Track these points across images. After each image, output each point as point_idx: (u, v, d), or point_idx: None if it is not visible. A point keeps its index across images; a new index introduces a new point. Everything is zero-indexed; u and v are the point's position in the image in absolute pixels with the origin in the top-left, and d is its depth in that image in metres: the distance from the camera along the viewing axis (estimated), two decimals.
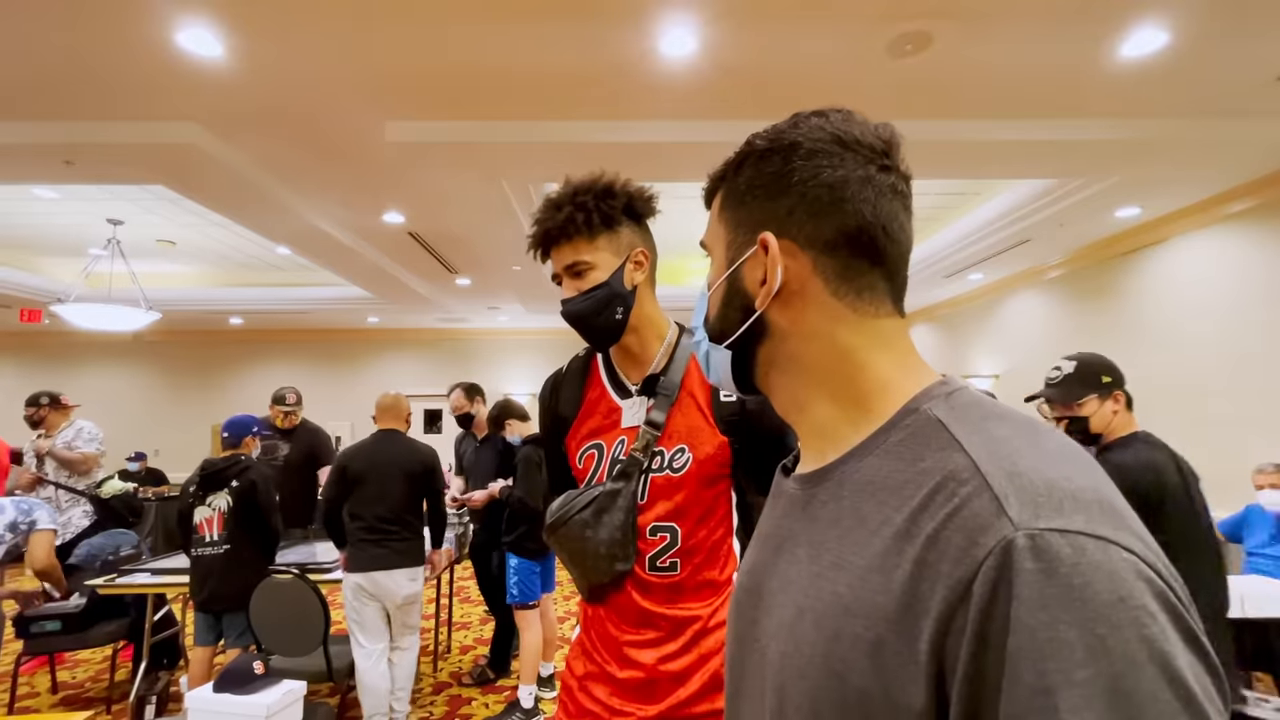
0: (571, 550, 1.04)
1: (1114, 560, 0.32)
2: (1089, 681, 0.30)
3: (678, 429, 1.03)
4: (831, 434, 0.49)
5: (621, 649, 1.04)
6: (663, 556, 1.03)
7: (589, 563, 1.03)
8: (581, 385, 1.12)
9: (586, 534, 1.02)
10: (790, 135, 0.49)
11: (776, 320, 0.50)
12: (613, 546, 1.01)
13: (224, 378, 8.95)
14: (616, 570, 1.02)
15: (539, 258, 1.08)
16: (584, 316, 1.03)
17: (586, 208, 1.02)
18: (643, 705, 1.03)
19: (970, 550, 0.34)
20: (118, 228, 5.05)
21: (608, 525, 1.01)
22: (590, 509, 1.02)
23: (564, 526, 1.04)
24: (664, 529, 1.03)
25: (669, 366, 1.07)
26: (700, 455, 1.02)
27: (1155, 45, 2.53)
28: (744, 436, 1.04)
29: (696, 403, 1.05)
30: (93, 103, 2.87)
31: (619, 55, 2.57)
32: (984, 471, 0.37)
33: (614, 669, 1.05)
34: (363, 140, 3.23)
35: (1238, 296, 4.01)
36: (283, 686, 2.07)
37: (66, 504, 3.62)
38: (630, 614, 1.04)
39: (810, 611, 0.43)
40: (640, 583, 1.03)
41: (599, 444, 1.07)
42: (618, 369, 1.11)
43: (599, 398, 1.10)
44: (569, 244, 1.03)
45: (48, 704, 3.31)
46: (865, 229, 0.47)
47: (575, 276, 1.03)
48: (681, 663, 1.03)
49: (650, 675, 1.02)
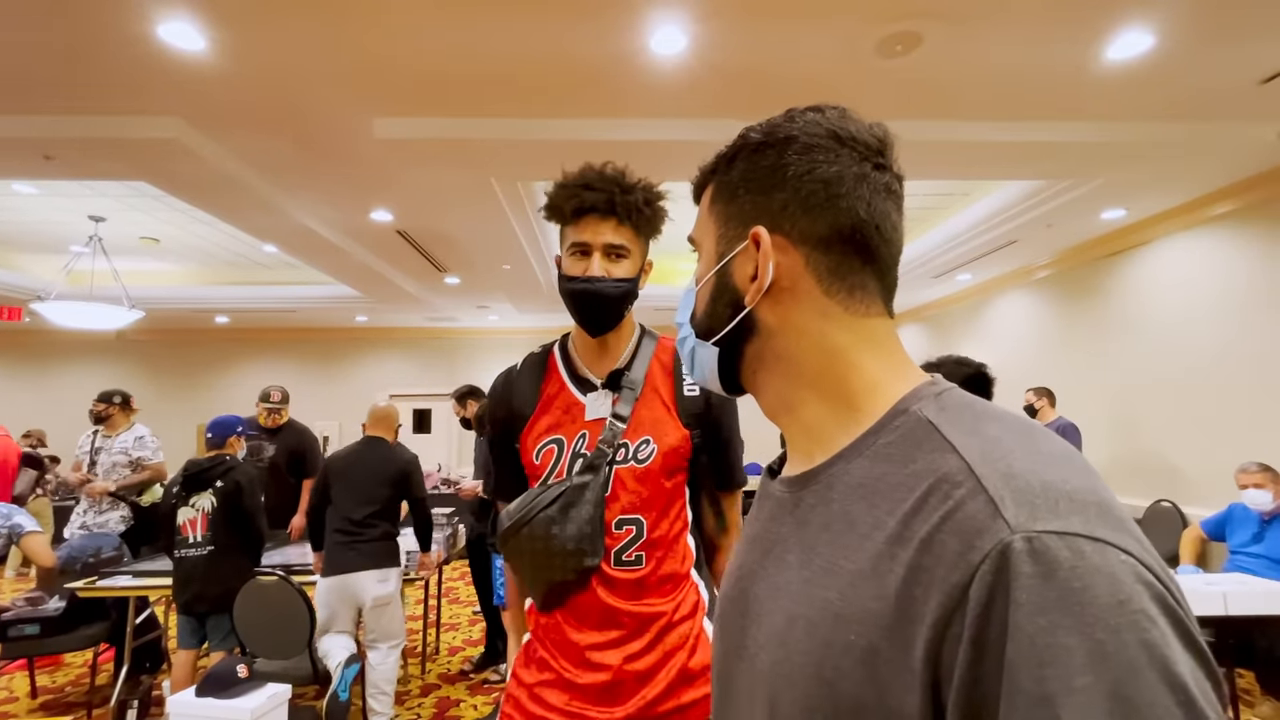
0: (534, 551, 1.01)
1: (1112, 563, 0.32)
2: (1089, 688, 0.29)
3: (642, 421, 1.05)
4: (820, 435, 0.48)
5: (583, 653, 1.02)
6: (629, 550, 1.03)
7: (555, 561, 1.00)
8: (538, 381, 1.10)
9: (553, 531, 0.99)
10: (786, 129, 0.48)
11: (765, 317, 0.49)
12: (581, 541, 0.99)
13: (209, 377, 8.85)
14: (585, 566, 1.00)
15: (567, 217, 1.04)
16: (609, 300, 1.04)
17: (641, 208, 1.05)
18: (608, 708, 1.01)
19: (966, 554, 0.33)
20: (100, 224, 4.97)
21: (575, 520, 0.99)
22: (557, 505, 1.00)
23: (527, 526, 1.00)
24: (630, 521, 1.03)
25: (633, 362, 1.10)
26: (664, 447, 1.05)
27: (1141, 48, 2.55)
28: (706, 429, 1.09)
29: (660, 396, 1.08)
30: (73, 97, 2.82)
31: (609, 53, 2.56)
32: (978, 473, 0.36)
33: (575, 674, 1.02)
34: (350, 137, 3.19)
35: (1221, 297, 4.06)
36: (267, 690, 2.04)
37: (108, 507, 3.58)
38: (593, 614, 1.02)
39: (801, 619, 0.42)
40: (605, 579, 1.02)
41: (558, 439, 1.05)
42: (580, 364, 1.10)
43: (558, 393, 1.08)
44: (620, 226, 1.04)
45: (26, 709, 3.25)
46: (859, 227, 0.46)
47: (612, 259, 1.04)
48: (646, 661, 1.02)
49: (616, 676, 1.00)
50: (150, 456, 3.69)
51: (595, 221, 1.03)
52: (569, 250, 1.05)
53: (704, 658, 1.05)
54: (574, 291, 1.04)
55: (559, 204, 1.05)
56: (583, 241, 1.03)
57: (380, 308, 7.42)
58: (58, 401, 8.23)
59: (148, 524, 3.64)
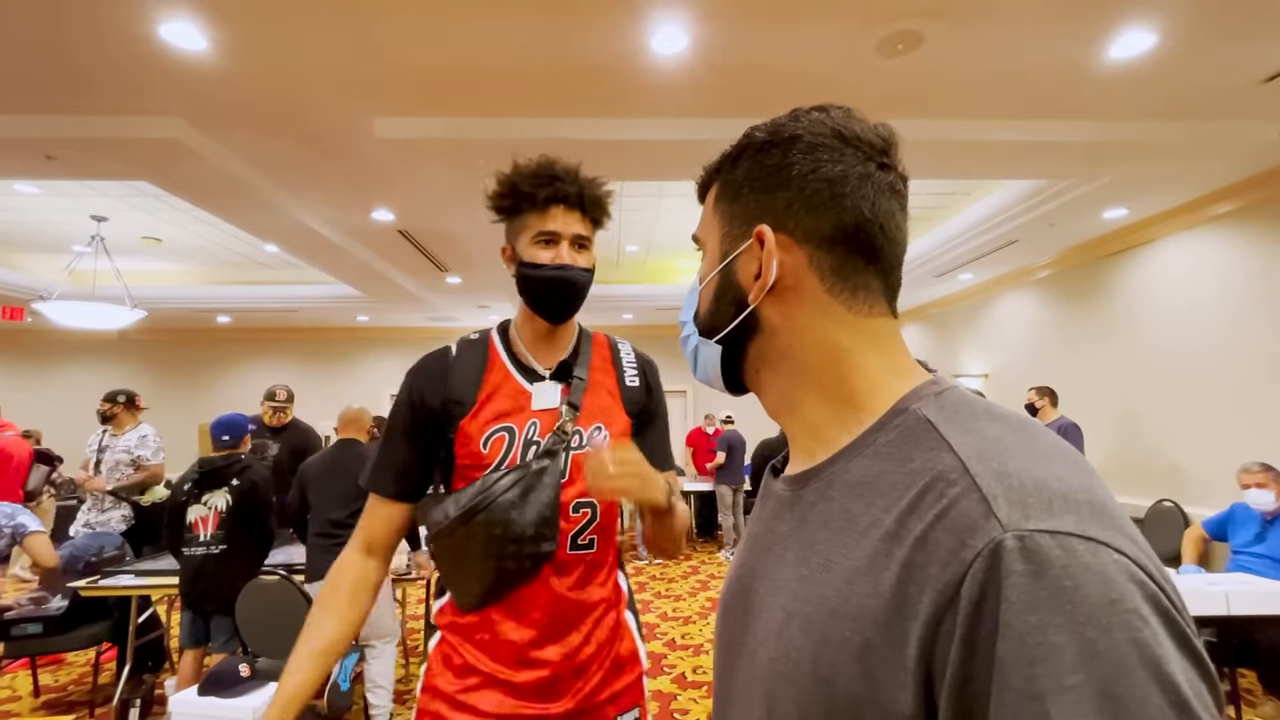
0: (489, 538, 0.97)
1: (1105, 562, 0.32)
2: (1080, 686, 0.29)
3: (592, 409, 1.08)
4: (821, 434, 0.48)
5: (524, 650, 1.00)
6: (584, 534, 1.04)
7: (510, 549, 0.97)
8: (480, 368, 1.07)
9: (512, 515, 0.97)
10: (790, 128, 0.49)
11: (769, 316, 0.49)
12: (540, 526, 0.98)
13: (211, 377, 8.86)
14: (542, 551, 0.99)
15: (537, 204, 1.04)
16: (580, 288, 1.06)
17: (602, 203, 1.09)
18: (545, 704, 1.00)
19: (958, 552, 0.34)
20: (101, 224, 4.98)
21: (535, 504, 0.99)
22: (516, 489, 0.98)
23: (485, 511, 0.97)
24: (586, 505, 1.04)
25: (578, 354, 1.12)
26: (615, 432, 1.08)
27: (1143, 47, 2.54)
28: (644, 417, 1.15)
29: (605, 386, 1.12)
30: (74, 97, 2.82)
31: (610, 52, 2.56)
32: (972, 472, 0.36)
33: (510, 674, 0.99)
34: (351, 136, 3.20)
35: (1223, 297, 4.06)
36: (269, 689, 2.05)
37: (110, 506, 3.60)
38: (537, 606, 1.00)
39: (798, 615, 0.42)
40: (558, 565, 1.02)
41: (509, 427, 1.03)
42: (526, 354, 1.09)
43: (503, 381, 1.06)
44: (585, 219, 1.07)
45: (29, 708, 3.25)
46: (863, 226, 0.47)
47: (579, 249, 1.06)
48: (584, 653, 1.03)
49: (555, 672, 1.00)
50: (149, 457, 3.69)
51: (563, 212, 1.04)
52: (534, 238, 1.04)
53: (630, 644, 1.10)
54: (544, 278, 1.03)
55: (529, 190, 1.04)
56: (552, 231, 1.04)
57: (381, 307, 7.43)
58: (60, 401, 8.25)
59: (149, 524, 3.65)
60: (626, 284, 7.24)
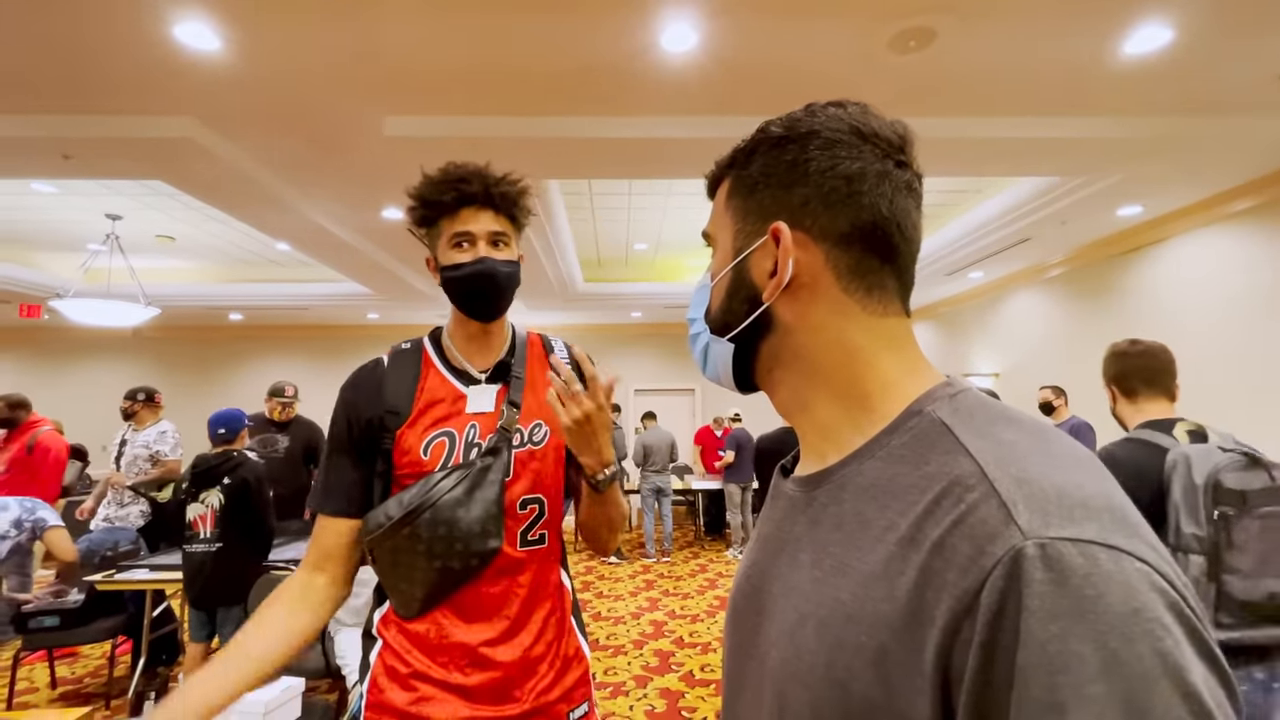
0: (433, 538, 0.96)
1: (1127, 571, 0.31)
2: (1102, 697, 0.29)
3: (531, 407, 1.08)
4: (833, 435, 0.48)
5: (474, 651, 0.98)
6: (533, 529, 1.04)
7: (456, 547, 0.96)
8: (414, 376, 1.07)
9: (458, 513, 0.96)
10: (807, 123, 0.48)
11: (783, 314, 0.49)
12: (486, 523, 0.98)
13: (223, 374, 8.94)
14: (488, 548, 0.98)
15: (447, 208, 1.04)
16: (502, 281, 1.05)
17: (515, 198, 1.08)
18: (501, 706, 0.98)
19: (978, 559, 0.33)
20: (116, 223, 5.03)
21: (481, 501, 0.98)
22: (461, 487, 0.98)
23: (430, 510, 0.96)
24: (533, 501, 1.04)
25: (513, 352, 1.12)
26: (556, 428, 1.08)
27: (1159, 42, 2.51)
28: None
29: (543, 384, 1.11)
30: (91, 97, 2.86)
31: (619, 50, 2.56)
32: (991, 477, 0.36)
33: (462, 678, 0.97)
34: (362, 135, 3.21)
35: (1239, 296, 4.00)
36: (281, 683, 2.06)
37: (129, 501, 3.67)
38: (485, 605, 0.99)
39: (812, 618, 0.42)
40: (506, 562, 1.01)
41: (449, 431, 1.02)
42: (459, 356, 1.09)
43: (439, 386, 1.06)
44: (499, 215, 1.06)
45: (46, 699, 3.31)
46: (880, 224, 0.46)
47: (496, 246, 1.06)
48: (535, 652, 1.02)
49: (507, 673, 0.99)
50: (167, 453, 3.74)
51: (474, 212, 1.04)
52: (450, 242, 1.05)
53: (574, 641, 1.10)
54: (465, 276, 1.03)
55: (436, 198, 1.04)
56: (465, 231, 1.04)
57: (391, 305, 7.47)
58: (76, 397, 8.35)
59: (165, 521, 3.70)
60: (635, 282, 7.23)
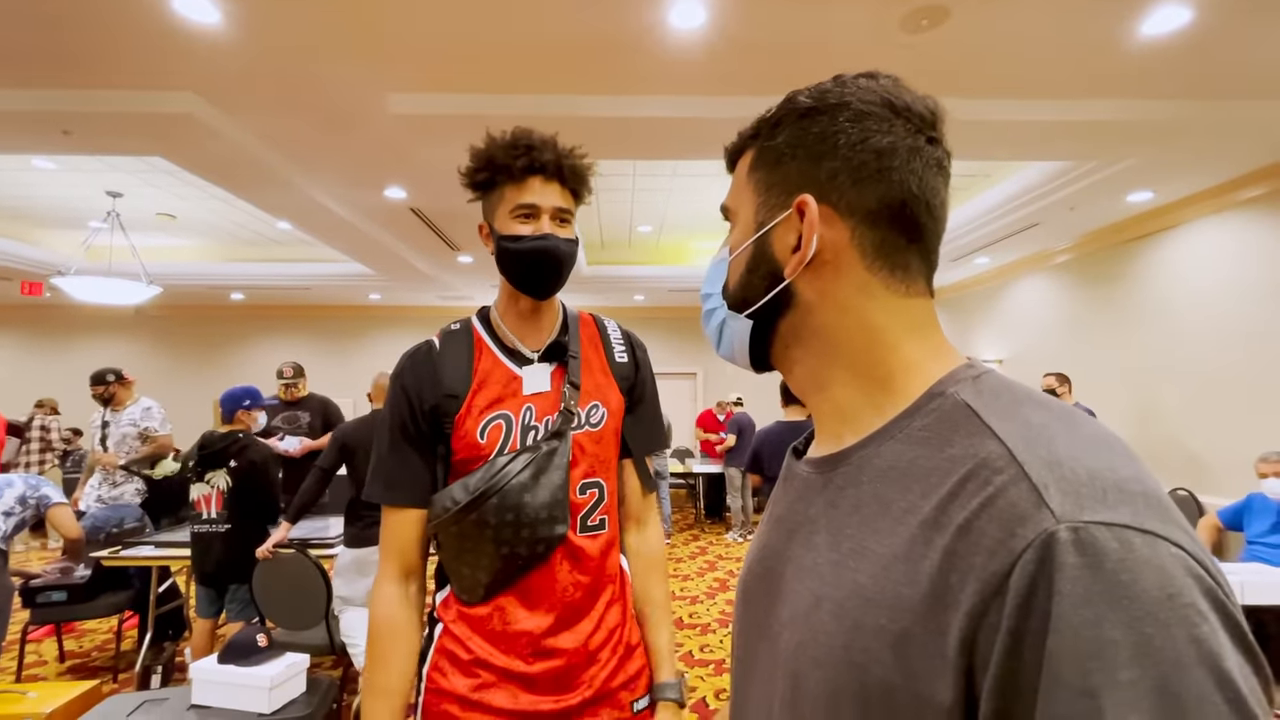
0: (500, 524, 0.94)
1: (1162, 556, 0.31)
2: (1135, 682, 0.29)
3: (588, 388, 1.05)
4: (851, 416, 0.47)
5: (537, 640, 0.96)
6: (593, 514, 1.02)
7: (524, 533, 0.95)
8: (469, 357, 1.03)
9: (525, 499, 0.95)
10: (838, 94, 0.46)
11: (804, 291, 0.47)
12: (553, 508, 0.97)
13: (226, 353, 8.96)
14: (555, 534, 0.97)
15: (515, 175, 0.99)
16: (563, 260, 1.02)
17: (583, 174, 1.04)
18: (561, 695, 0.97)
19: (1006, 542, 0.32)
20: (117, 200, 5.00)
21: (547, 486, 0.97)
22: (528, 471, 0.96)
23: (497, 495, 0.94)
24: (593, 485, 1.03)
25: (568, 331, 1.08)
26: (610, 409, 1.06)
27: (1177, 23, 2.46)
28: (634, 394, 1.12)
29: (596, 363, 1.09)
30: (90, 71, 2.82)
31: (627, 28, 2.51)
32: (1020, 460, 0.35)
33: (524, 666, 0.96)
34: (365, 112, 3.17)
35: (1249, 284, 3.97)
36: (286, 659, 2.09)
37: (122, 480, 3.64)
38: (549, 592, 0.98)
39: (829, 600, 0.41)
40: (569, 549, 0.99)
41: (505, 414, 1.00)
42: (510, 336, 1.05)
43: (493, 367, 1.02)
44: (565, 190, 1.02)
45: (55, 672, 3.36)
46: (909, 202, 0.45)
47: (560, 222, 1.02)
48: (596, 640, 1.01)
49: (570, 661, 0.98)
50: (157, 428, 3.72)
51: (542, 183, 0.99)
52: (514, 212, 0.99)
53: (635, 629, 1.08)
54: (526, 250, 0.98)
55: (506, 161, 0.98)
56: (531, 203, 0.99)
57: (393, 286, 7.44)
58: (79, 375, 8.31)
59: (161, 497, 3.71)
60: (639, 265, 7.19)
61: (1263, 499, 3.23)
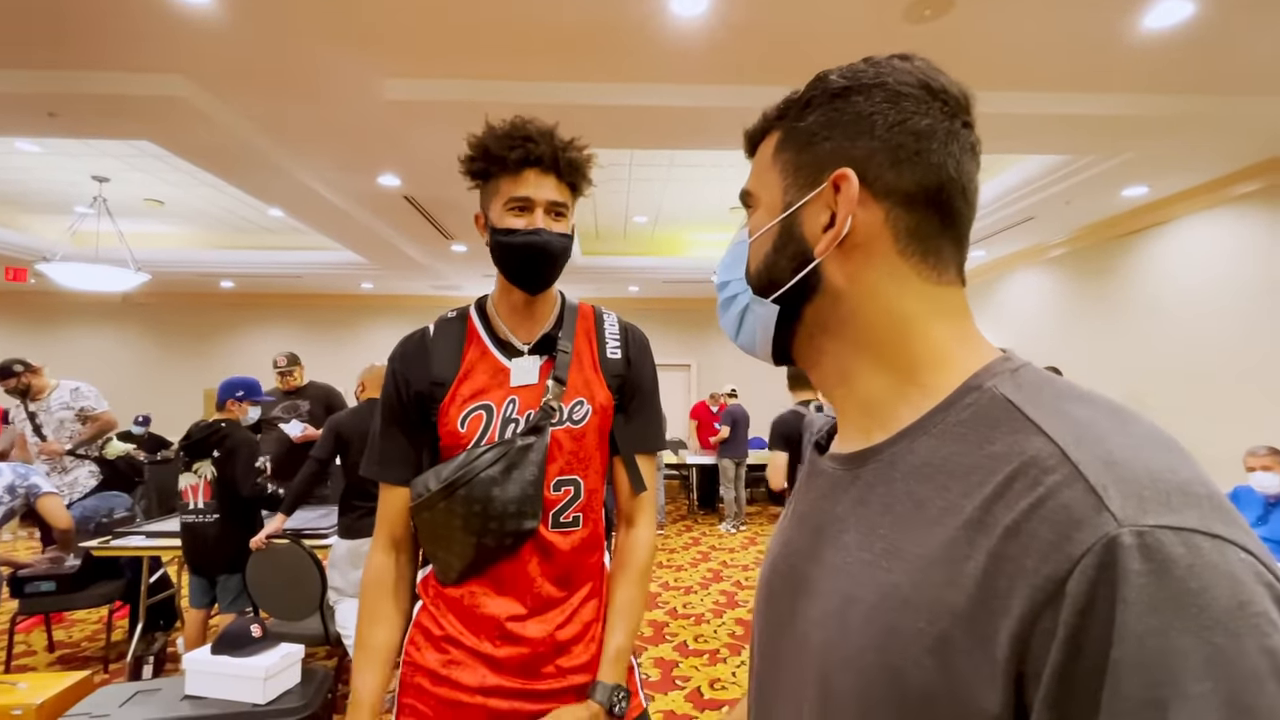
0: (469, 514, 0.96)
1: (1232, 562, 0.29)
2: (1206, 695, 0.27)
3: (575, 384, 1.04)
4: (878, 409, 0.45)
5: (502, 625, 0.98)
6: (567, 511, 1.02)
7: (491, 525, 0.96)
8: (459, 345, 1.04)
9: (494, 492, 0.95)
10: (872, 74, 0.45)
11: (833, 275, 0.45)
12: (523, 504, 0.97)
13: (216, 342, 8.86)
14: (524, 529, 0.97)
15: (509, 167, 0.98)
16: (555, 255, 1.00)
17: (580, 166, 1.02)
18: (527, 681, 0.98)
19: (1062, 546, 0.31)
20: (104, 185, 4.91)
21: (518, 481, 0.96)
22: (499, 465, 0.96)
23: (465, 487, 0.95)
24: (568, 482, 1.02)
25: (562, 325, 1.07)
26: (596, 406, 1.05)
27: (1179, 17, 2.45)
28: (625, 392, 1.10)
29: (587, 359, 1.07)
30: (77, 52, 2.75)
31: (627, 14, 2.47)
32: (1074, 459, 0.33)
33: (491, 647, 0.98)
34: (360, 98, 3.12)
35: (1242, 279, 4.00)
36: (280, 649, 2.07)
37: (72, 464, 3.56)
38: (519, 583, 0.99)
39: (860, 602, 0.40)
40: (540, 544, 0.99)
41: (487, 405, 1.00)
42: (503, 327, 1.05)
43: (480, 357, 1.03)
44: (560, 184, 1.01)
45: (44, 662, 3.32)
46: (946, 186, 0.43)
47: (554, 216, 1.01)
48: (567, 632, 1.01)
49: (535, 650, 0.98)
50: (94, 405, 3.62)
51: (537, 176, 0.98)
52: (507, 205, 0.99)
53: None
54: (517, 245, 0.98)
55: (501, 153, 0.97)
56: (524, 196, 0.98)
57: (386, 275, 7.38)
58: (65, 362, 8.25)
59: (120, 476, 3.63)
60: (633, 255, 7.16)
61: (1249, 492, 3.26)
